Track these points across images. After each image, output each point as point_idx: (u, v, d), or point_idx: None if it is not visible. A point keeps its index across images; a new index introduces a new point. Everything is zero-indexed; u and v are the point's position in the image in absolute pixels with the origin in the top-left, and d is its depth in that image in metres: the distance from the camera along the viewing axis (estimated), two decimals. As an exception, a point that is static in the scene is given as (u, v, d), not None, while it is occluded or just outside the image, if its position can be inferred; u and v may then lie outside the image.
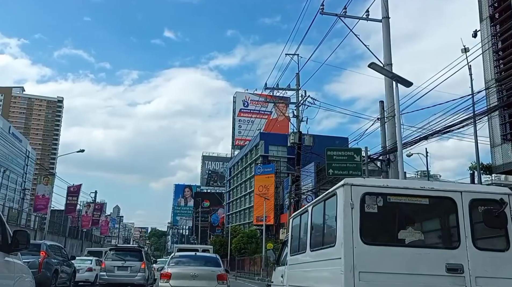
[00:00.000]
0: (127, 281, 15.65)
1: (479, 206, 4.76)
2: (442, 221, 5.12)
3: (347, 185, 4.68)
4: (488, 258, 4.60)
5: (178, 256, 12.13)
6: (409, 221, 4.91)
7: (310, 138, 28.32)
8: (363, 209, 4.59)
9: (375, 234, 4.79)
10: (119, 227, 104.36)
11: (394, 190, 4.77)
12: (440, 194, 4.87)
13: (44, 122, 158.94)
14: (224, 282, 10.62)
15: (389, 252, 4.57)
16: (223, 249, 52.02)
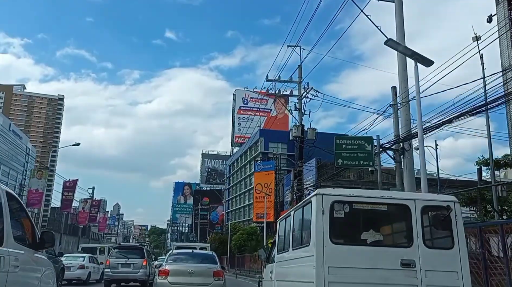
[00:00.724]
0: (130, 277, 16.55)
1: (429, 212, 5.69)
2: (398, 224, 5.98)
3: (319, 195, 5.58)
4: (436, 254, 5.50)
5: (176, 253, 12.40)
6: (370, 224, 5.78)
7: (313, 132, 27.65)
8: (332, 215, 5.47)
9: (342, 235, 5.66)
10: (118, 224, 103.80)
11: (358, 198, 5.71)
12: (397, 202, 5.79)
13: (44, 120, 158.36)
14: (220, 278, 10.92)
15: (354, 250, 5.48)
16: (222, 247, 51.41)
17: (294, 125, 27.93)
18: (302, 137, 27.91)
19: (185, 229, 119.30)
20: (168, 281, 10.60)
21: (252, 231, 45.29)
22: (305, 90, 27.85)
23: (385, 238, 5.82)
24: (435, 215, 5.76)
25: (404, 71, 13.03)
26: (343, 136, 16.00)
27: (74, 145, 33.02)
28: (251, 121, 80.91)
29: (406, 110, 14.04)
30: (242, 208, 72.20)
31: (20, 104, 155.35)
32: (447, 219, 5.67)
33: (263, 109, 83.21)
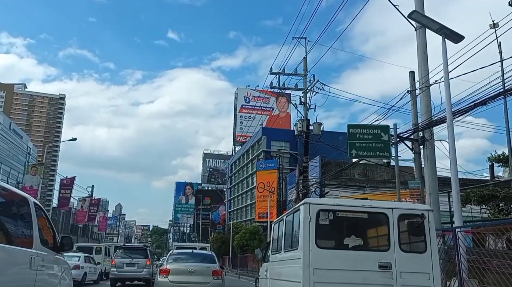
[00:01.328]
0: (135, 276, 17.60)
1: (405, 219, 6.22)
2: (377, 230, 6.47)
3: (306, 204, 6.18)
4: (410, 258, 6.06)
5: (176, 253, 12.83)
6: (352, 230, 6.33)
7: (319, 127, 26.61)
8: (318, 222, 6.03)
9: (326, 240, 6.22)
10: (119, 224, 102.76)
11: (342, 207, 6.32)
12: (376, 210, 6.34)
13: (46, 120, 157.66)
14: (219, 277, 11.29)
15: (337, 254, 6.07)
16: (224, 246, 50.42)
17: (300, 119, 26.91)
18: (308, 132, 26.89)
19: (186, 229, 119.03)
20: (168, 280, 10.94)
21: (255, 230, 44.23)
22: (311, 83, 26.79)
23: (365, 242, 6.43)
24: (411, 222, 6.34)
25: (424, 53, 12.01)
26: (357, 125, 14.76)
27: (70, 140, 32.10)
28: (253, 120, 79.91)
29: (426, 96, 12.99)
30: (244, 208, 71.17)
31: (21, 103, 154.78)
32: (421, 226, 6.24)
33: (265, 108, 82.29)
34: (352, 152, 13.99)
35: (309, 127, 27.26)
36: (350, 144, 13.96)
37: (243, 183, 73.77)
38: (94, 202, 43.36)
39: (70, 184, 34.71)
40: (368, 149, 14.01)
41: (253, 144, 67.81)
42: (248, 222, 63.89)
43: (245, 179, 72.28)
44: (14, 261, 4.78)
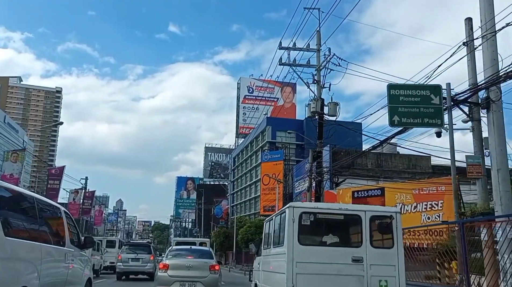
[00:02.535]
0: (139, 270, 19.36)
1: (376, 220, 7.39)
2: (351, 230, 7.69)
3: (291, 207, 7.40)
4: (379, 253, 7.20)
5: (175, 249, 13.59)
6: (330, 230, 7.60)
7: (335, 107, 23.54)
8: (300, 222, 7.19)
9: (307, 238, 7.36)
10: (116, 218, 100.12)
11: (321, 210, 7.79)
12: (351, 212, 7.58)
13: (42, 114, 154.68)
14: (215, 272, 11.77)
15: (316, 249, 7.31)
16: (228, 241, 47.67)
17: (312, 99, 23.90)
18: (322, 113, 23.87)
19: (188, 224, 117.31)
20: (168, 274, 11.48)
21: (261, 224, 41.28)
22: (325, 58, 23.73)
23: (341, 240, 7.53)
24: (380, 223, 7.45)
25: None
26: (401, 85, 11.73)
27: (56, 124, 29.23)
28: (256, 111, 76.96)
29: (491, 46, 10.05)
30: (248, 201, 68.34)
31: (16, 97, 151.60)
32: (390, 225, 7.34)
33: (269, 98, 79.41)
34: (394, 119, 11.09)
35: (324, 107, 24.26)
36: (392, 109, 11.04)
37: (246, 176, 70.91)
38: (88, 195, 40.37)
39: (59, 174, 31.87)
40: (414, 114, 11.25)
41: (257, 135, 64.84)
42: (252, 216, 61.14)
43: (248, 171, 69.41)
44: (55, 257, 6.31)
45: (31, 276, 5.34)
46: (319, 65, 24.43)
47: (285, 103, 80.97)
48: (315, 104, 23.41)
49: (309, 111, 23.96)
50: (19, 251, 5.15)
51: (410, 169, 40.71)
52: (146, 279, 18.93)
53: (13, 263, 4.98)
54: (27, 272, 5.28)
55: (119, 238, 26.37)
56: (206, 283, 11.47)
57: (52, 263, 6.15)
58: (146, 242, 29.01)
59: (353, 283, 7.01)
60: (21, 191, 5.85)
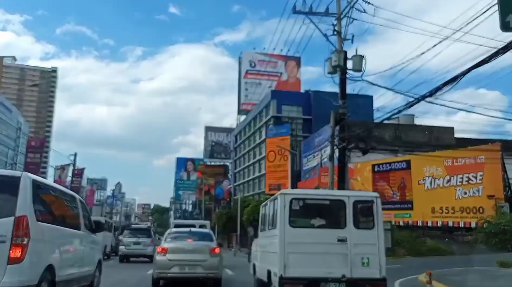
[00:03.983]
0: (141, 252, 20.66)
1: (358, 204, 8.05)
2: (336, 213, 8.24)
3: (282, 194, 8.11)
4: (361, 233, 7.86)
5: (174, 232, 13.14)
6: (317, 213, 8.35)
7: (360, 61, 19.66)
8: (291, 207, 7.91)
9: (297, 221, 8.09)
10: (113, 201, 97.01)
11: (309, 196, 9.03)
12: (336, 198, 8.41)
13: (38, 94, 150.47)
14: (216, 255, 11.36)
15: (305, 231, 8.04)
16: (231, 223, 44.25)
17: (334, 51, 20.02)
18: (345, 68, 20.03)
19: (189, 206, 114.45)
20: (167, 258, 11.11)
21: (269, 203, 37.86)
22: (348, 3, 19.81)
23: (327, 222, 8.26)
24: (362, 207, 8.17)
25: None
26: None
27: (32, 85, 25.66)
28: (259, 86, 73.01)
29: None
30: (252, 181, 64.86)
31: (10, 77, 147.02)
32: (371, 209, 8.02)
33: (272, 73, 75.37)
34: (508, 20, 7.32)
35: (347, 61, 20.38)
36: (503, 6, 7.28)
37: (249, 154, 67.30)
38: (77, 173, 36.63)
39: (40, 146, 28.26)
40: None
41: (261, 110, 60.92)
42: (256, 195, 57.76)
43: (252, 149, 65.77)
44: (73, 240, 7.29)
45: (55, 256, 6.19)
46: (340, 13, 20.46)
47: (289, 78, 76.93)
48: (337, 57, 19.53)
49: (329, 67, 20.05)
50: (46, 233, 5.97)
51: (431, 142, 37.16)
52: (147, 261, 19.55)
53: (43, 244, 5.80)
54: (52, 252, 6.14)
55: (107, 219, 23.53)
56: (206, 267, 11.10)
57: (70, 245, 7.12)
58: (146, 226, 29.89)
59: (338, 260, 7.72)
60: (48, 183, 6.92)
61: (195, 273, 11.00)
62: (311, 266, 7.65)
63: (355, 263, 7.67)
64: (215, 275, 11.11)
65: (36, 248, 5.42)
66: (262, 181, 58.43)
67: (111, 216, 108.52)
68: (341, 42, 19.89)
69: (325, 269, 7.62)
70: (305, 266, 7.65)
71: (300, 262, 7.66)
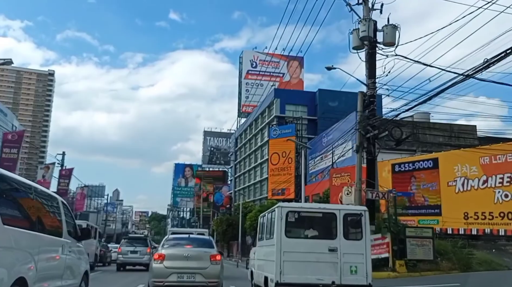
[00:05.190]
0: (137, 261, 21.54)
1: (348, 217, 8.91)
2: (328, 225, 9.06)
3: (279, 207, 9.04)
4: (351, 244, 8.67)
5: (172, 238, 12.52)
6: (310, 225, 9.25)
7: (393, 32, 16.54)
8: (287, 219, 8.80)
9: (292, 232, 8.97)
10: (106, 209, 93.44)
11: (304, 209, 10.11)
12: (328, 211, 9.28)
13: (34, 97, 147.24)
14: (217, 262, 10.85)
15: (300, 241, 8.95)
16: (232, 230, 40.89)
17: (361, 20, 16.89)
18: (375, 41, 16.90)
19: (186, 213, 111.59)
20: (164, 265, 10.53)
21: (275, 208, 34.52)
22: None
23: (319, 233, 9.08)
24: (352, 219, 8.97)
25: None
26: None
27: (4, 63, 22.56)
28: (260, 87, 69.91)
29: None
30: (253, 185, 61.47)
31: (6, 80, 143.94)
32: (359, 221, 8.87)
33: (274, 73, 72.37)
34: None
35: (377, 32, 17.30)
36: None
37: (250, 157, 64.00)
38: (65, 173, 33.24)
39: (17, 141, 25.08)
40: None
41: (263, 110, 57.73)
42: (258, 201, 54.38)
43: (253, 152, 62.48)
44: (52, 248, 6.16)
45: (28, 267, 5.18)
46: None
47: (292, 79, 73.92)
48: (365, 27, 16.37)
49: (355, 40, 16.88)
50: (17, 240, 4.98)
51: (452, 141, 34.00)
52: (143, 269, 19.60)
53: (11, 252, 4.83)
54: (24, 262, 5.10)
55: (92, 224, 20.51)
56: (206, 275, 10.45)
57: (49, 254, 6.06)
58: (143, 236, 30.56)
59: (329, 268, 8.54)
60: (19, 179, 5.60)
61: (195, 282, 10.35)
62: (305, 273, 8.51)
63: (344, 271, 8.51)
64: (216, 284, 10.50)
65: (2, 258, 4.61)
66: (264, 185, 55.15)
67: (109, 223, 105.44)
68: (368, 11, 16.76)
69: (317, 276, 8.49)
70: (299, 273, 8.51)
71: (294, 269, 8.52)
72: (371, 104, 14.92)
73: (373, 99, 14.92)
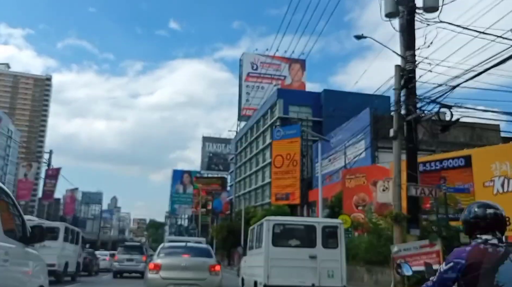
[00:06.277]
0: (133, 269, 21.85)
1: (326, 229, 10.63)
2: (309, 236, 10.59)
3: (267, 220, 10.70)
4: (328, 251, 10.28)
5: (168, 246, 12.13)
6: (294, 236, 10.88)
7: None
8: (274, 231, 10.42)
9: (278, 242, 10.43)
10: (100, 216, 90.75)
11: (288, 222, 12.05)
12: (309, 223, 11.22)
13: (31, 102, 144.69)
14: (217, 273, 10.65)
15: (284, 249, 10.35)
16: (232, 237, 38.11)
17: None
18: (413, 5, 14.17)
19: (184, 221, 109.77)
20: (160, 276, 10.14)
21: (280, 212, 31.59)
22: None
23: (302, 243, 10.65)
24: (329, 231, 10.70)
25: None
26: None
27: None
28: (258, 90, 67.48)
29: None
30: (254, 191, 58.70)
31: (3, 84, 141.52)
32: (336, 232, 10.60)
33: (276, 76, 70.01)
34: None
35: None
36: None
37: (251, 161, 61.30)
38: (52, 173, 30.24)
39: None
40: None
41: (265, 112, 55.11)
42: (260, 207, 51.54)
43: (254, 156, 59.79)
44: None
45: None
46: None
47: (293, 82, 71.62)
48: (401, -10, 13.69)
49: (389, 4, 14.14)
50: None
51: (474, 142, 31.38)
52: (139, 277, 19.74)
53: None
54: None
55: (66, 224, 16.89)
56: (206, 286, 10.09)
57: None
58: (139, 244, 30.81)
59: (310, 273, 10.03)
60: None
61: None
62: (289, 276, 9.99)
63: (323, 274, 10.11)
64: None
65: None
66: (266, 190, 52.41)
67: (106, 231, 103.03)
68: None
69: (299, 279, 10.02)
70: (284, 277, 9.97)
71: (280, 273, 10.02)
72: (411, 81, 12.21)
73: (413, 74, 12.23)
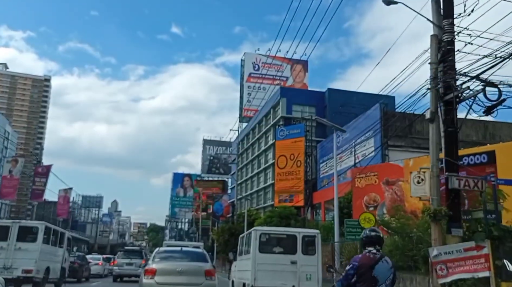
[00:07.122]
0: (132, 273, 22.34)
1: (305, 238, 12.54)
2: (290, 243, 12.47)
3: (254, 230, 12.73)
4: (307, 258, 12.43)
5: (164, 251, 12.22)
6: (278, 243, 12.70)
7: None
8: (260, 239, 12.36)
9: (264, 249, 12.35)
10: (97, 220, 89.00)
11: (273, 231, 13.76)
12: (291, 233, 12.98)
13: (29, 103, 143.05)
14: (212, 278, 10.59)
15: (269, 256, 12.24)
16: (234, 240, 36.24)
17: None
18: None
19: (185, 224, 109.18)
20: (155, 281, 10.04)
21: (286, 213, 29.83)
22: None
23: (284, 250, 12.40)
24: (308, 239, 12.53)
25: None
26: None
27: None
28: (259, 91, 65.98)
29: None
30: (256, 193, 56.98)
31: (1, 85, 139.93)
32: (314, 241, 12.55)
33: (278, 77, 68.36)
34: None
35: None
36: None
37: (253, 163, 59.60)
38: (42, 171, 28.32)
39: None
40: None
41: (267, 112, 53.44)
42: (262, 209, 49.77)
43: (256, 158, 58.10)
44: None
45: None
46: None
47: (295, 83, 69.93)
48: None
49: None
50: None
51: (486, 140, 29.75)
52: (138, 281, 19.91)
53: None
54: None
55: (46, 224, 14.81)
56: None
57: None
58: (138, 248, 31.81)
59: (290, 276, 11.90)
60: None
61: None
62: (272, 279, 11.73)
63: (302, 278, 11.94)
64: None
65: None
66: (268, 192, 50.70)
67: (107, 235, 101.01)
68: None
69: (281, 281, 11.81)
70: (268, 279, 11.73)
71: (265, 276, 11.79)
72: (449, 54, 10.45)
73: (452, 46, 10.47)
